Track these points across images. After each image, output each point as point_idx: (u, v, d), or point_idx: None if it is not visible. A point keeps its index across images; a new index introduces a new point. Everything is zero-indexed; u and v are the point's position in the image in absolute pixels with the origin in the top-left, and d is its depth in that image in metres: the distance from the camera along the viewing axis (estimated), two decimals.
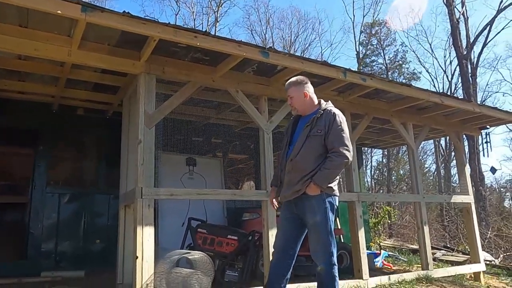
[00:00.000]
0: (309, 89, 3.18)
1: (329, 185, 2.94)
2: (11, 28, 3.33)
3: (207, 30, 20.83)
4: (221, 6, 24.34)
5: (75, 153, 6.25)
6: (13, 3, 2.75)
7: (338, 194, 3.05)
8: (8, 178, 6.78)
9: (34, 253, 5.47)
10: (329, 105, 3.14)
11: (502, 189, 22.10)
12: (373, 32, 25.44)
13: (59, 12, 2.85)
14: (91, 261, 5.68)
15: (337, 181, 3.06)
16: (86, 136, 6.15)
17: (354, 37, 25.94)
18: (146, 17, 3.29)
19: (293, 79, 3.23)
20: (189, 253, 3.89)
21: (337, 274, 2.90)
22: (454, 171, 19.95)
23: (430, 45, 34.55)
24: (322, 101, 3.21)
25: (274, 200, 3.27)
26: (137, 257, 3.41)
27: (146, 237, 3.47)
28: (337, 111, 3.07)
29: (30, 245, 5.49)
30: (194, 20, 24.58)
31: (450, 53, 23.02)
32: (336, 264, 2.92)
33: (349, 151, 2.93)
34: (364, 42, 26.03)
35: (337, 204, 3.04)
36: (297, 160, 2.99)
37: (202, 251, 4.17)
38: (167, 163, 6.00)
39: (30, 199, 5.65)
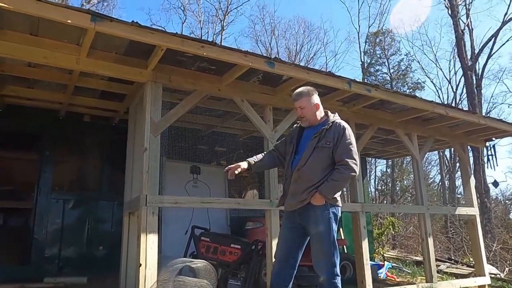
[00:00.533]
0: (318, 100, 3.20)
1: (333, 197, 2.95)
2: (21, 36, 3.39)
3: (213, 39, 21.08)
4: (227, 15, 24.54)
5: (80, 160, 6.29)
6: (25, 12, 2.80)
7: (341, 204, 3.05)
8: (13, 183, 6.82)
9: (37, 258, 5.48)
10: (337, 118, 3.16)
11: (507, 201, 21.93)
12: (377, 41, 25.47)
13: (69, 21, 2.91)
14: (94, 267, 5.68)
15: (340, 192, 3.07)
16: (91, 143, 6.19)
17: (359, 47, 25.99)
18: (153, 26, 3.33)
19: (302, 89, 3.21)
20: (192, 261, 3.88)
21: (340, 285, 2.88)
22: (458, 182, 19.87)
23: (435, 55, 34.57)
24: (330, 112, 3.22)
25: (233, 168, 3.09)
26: (140, 265, 3.42)
27: (149, 244, 3.48)
28: (346, 125, 3.10)
29: (34, 250, 5.50)
30: (201, 28, 24.77)
31: (455, 64, 23.03)
32: (339, 275, 2.90)
33: (356, 164, 2.96)
34: (369, 51, 26.08)
35: (339, 214, 3.04)
36: (304, 170, 2.99)
37: (205, 260, 4.17)
38: (171, 170, 6.01)
39: (35, 205, 5.68)
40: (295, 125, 3.38)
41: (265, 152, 3.45)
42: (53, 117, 5.69)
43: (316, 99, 3.16)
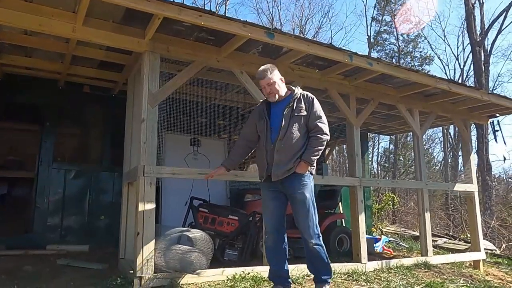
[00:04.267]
0: (279, 74, 3.39)
1: (313, 165, 3.26)
2: (17, 2, 3.33)
3: (216, 9, 20.60)
4: None
5: (81, 131, 6.33)
6: None
7: (314, 173, 3.38)
8: (15, 153, 6.89)
9: (40, 227, 5.59)
10: (301, 90, 3.43)
11: (510, 180, 21.91)
12: (387, 9, 24.61)
13: None
14: (95, 236, 5.81)
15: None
16: (92, 113, 6.21)
17: (366, 21, 25.44)
18: None
19: (265, 67, 3.37)
20: (189, 230, 3.96)
21: (322, 243, 3.25)
22: (462, 160, 19.82)
23: (443, 31, 33.84)
24: (292, 87, 3.44)
25: (212, 174, 3.67)
26: (138, 233, 3.48)
27: (147, 214, 3.53)
28: (313, 95, 3.38)
29: (37, 219, 5.61)
30: None
31: (463, 40, 22.53)
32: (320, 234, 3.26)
33: (328, 129, 3.29)
34: (377, 18, 25.27)
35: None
36: (286, 140, 3.20)
37: (203, 230, 4.26)
38: (172, 143, 6.04)
39: (37, 175, 5.75)
40: (257, 105, 3.62)
41: (232, 148, 3.79)
42: (52, 87, 5.68)
43: (278, 73, 3.36)
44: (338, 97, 5.08)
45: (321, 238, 3.24)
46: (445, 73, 23.71)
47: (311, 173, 3.29)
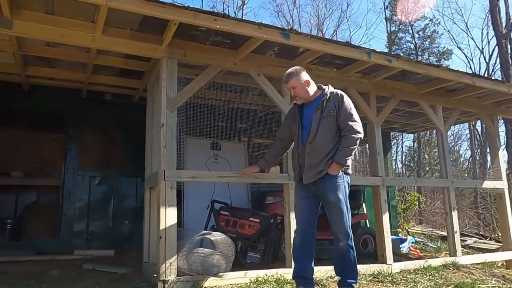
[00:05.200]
0: (307, 76, 3.36)
1: (347, 163, 3.17)
2: (37, 15, 3.44)
3: (235, 13, 20.73)
4: None
5: (104, 138, 6.46)
6: None
7: (351, 172, 3.34)
8: (42, 162, 7.11)
9: (67, 232, 5.75)
10: (332, 88, 3.34)
11: None
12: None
13: None
14: (120, 241, 5.92)
15: (351, 160, 3.29)
16: (113, 120, 6.34)
17: (386, 18, 25.05)
18: (167, 1, 3.30)
19: (290, 70, 3.37)
20: (211, 233, 3.97)
21: (353, 245, 3.26)
22: (490, 157, 19.15)
23: (466, 24, 32.92)
24: (323, 85, 3.39)
25: (246, 171, 3.82)
26: (160, 237, 3.51)
27: (169, 218, 3.56)
28: (343, 93, 3.29)
29: (63, 225, 5.77)
30: (223, 3, 24.46)
31: (487, 32, 21.90)
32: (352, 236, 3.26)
33: (360, 126, 3.19)
34: (391, 19, 24.88)
35: (350, 182, 3.35)
36: (316, 142, 3.16)
37: (225, 233, 4.26)
38: (192, 147, 6.10)
39: (63, 182, 5.92)
40: (291, 105, 3.59)
41: (268, 149, 3.82)
42: (75, 96, 5.83)
43: (305, 76, 3.32)
44: (358, 96, 5.00)
45: (352, 240, 3.24)
46: (470, 68, 23.13)
47: (345, 173, 3.23)
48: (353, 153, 3.17)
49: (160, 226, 3.53)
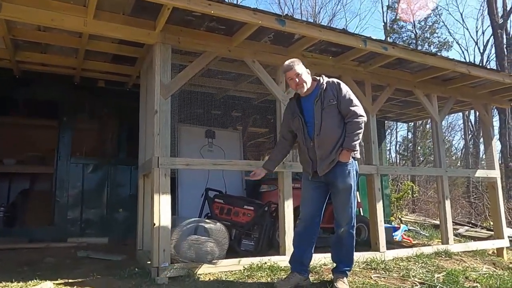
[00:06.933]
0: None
1: (356, 148, 3.18)
2: None
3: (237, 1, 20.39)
4: None
5: (97, 125, 6.42)
6: None
7: (359, 156, 3.35)
8: (34, 149, 7.03)
9: (61, 220, 5.72)
10: (326, 78, 3.33)
11: None
12: None
13: None
14: (114, 229, 5.92)
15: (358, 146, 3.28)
16: (107, 108, 6.28)
17: (382, 7, 24.91)
18: None
19: (290, 60, 3.34)
20: (205, 221, 3.97)
21: (354, 234, 3.30)
22: (483, 147, 19.28)
23: (461, 14, 32.79)
24: (316, 77, 3.38)
25: (252, 177, 3.61)
26: (154, 224, 3.50)
27: (163, 205, 3.55)
28: (338, 80, 3.32)
29: (57, 212, 5.74)
30: None
31: (482, 23, 21.91)
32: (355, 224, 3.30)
33: (362, 109, 3.22)
34: (393, 6, 24.68)
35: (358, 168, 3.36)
36: (323, 134, 3.18)
37: (219, 221, 4.27)
38: (186, 135, 6.07)
39: (56, 169, 5.87)
40: (288, 101, 3.56)
41: (274, 149, 3.76)
42: (68, 83, 5.75)
43: (304, 66, 3.32)
44: (353, 84, 4.97)
45: (354, 228, 3.28)
46: (464, 58, 23.11)
47: (354, 158, 3.26)
48: (360, 136, 3.19)
49: (154, 213, 3.52)
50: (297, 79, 3.24)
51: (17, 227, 5.90)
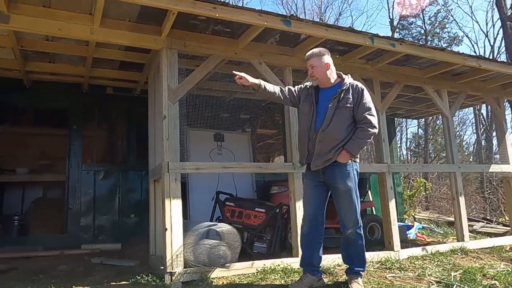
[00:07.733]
0: (330, 60, 3.29)
1: (357, 156, 3.19)
2: (34, 9, 3.41)
3: (242, 3, 20.41)
4: None
5: (107, 132, 6.46)
6: None
7: (358, 160, 3.31)
8: (46, 157, 7.12)
9: (74, 227, 5.77)
10: (351, 79, 3.29)
11: None
12: None
13: None
14: (127, 234, 5.94)
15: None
16: (116, 114, 6.33)
17: (388, 4, 24.73)
18: None
19: (314, 49, 3.33)
20: (217, 225, 3.96)
21: (362, 233, 3.25)
22: (496, 141, 18.97)
23: (471, 7, 32.38)
24: (343, 74, 3.32)
25: (244, 76, 3.36)
26: (166, 229, 3.50)
27: (174, 209, 3.55)
28: (363, 86, 3.26)
29: (70, 220, 5.79)
30: None
31: (492, 15, 21.60)
32: (362, 225, 3.24)
33: (377, 122, 3.19)
34: (402, 2, 24.41)
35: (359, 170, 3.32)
36: (329, 131, 3.14)
37: (231, 224, 4.25)
38: (196, 139, 6.07)
39: (68, 177, 5.93)
40: (309, 86, 3.42)
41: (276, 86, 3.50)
42: (77, 91, 5.80)
43: (327, 59, 3.26)
44: (361, 82, 4.92)
45: (361, 228, 3.23)
46: (474, 52, 22.72)
47: (355, 162, 3.23)
48: (365, 146, 3.20)
49: (166, 218, 3.52)
50: (310, 71, 3.26)
51: (31, 236, 5.96)
